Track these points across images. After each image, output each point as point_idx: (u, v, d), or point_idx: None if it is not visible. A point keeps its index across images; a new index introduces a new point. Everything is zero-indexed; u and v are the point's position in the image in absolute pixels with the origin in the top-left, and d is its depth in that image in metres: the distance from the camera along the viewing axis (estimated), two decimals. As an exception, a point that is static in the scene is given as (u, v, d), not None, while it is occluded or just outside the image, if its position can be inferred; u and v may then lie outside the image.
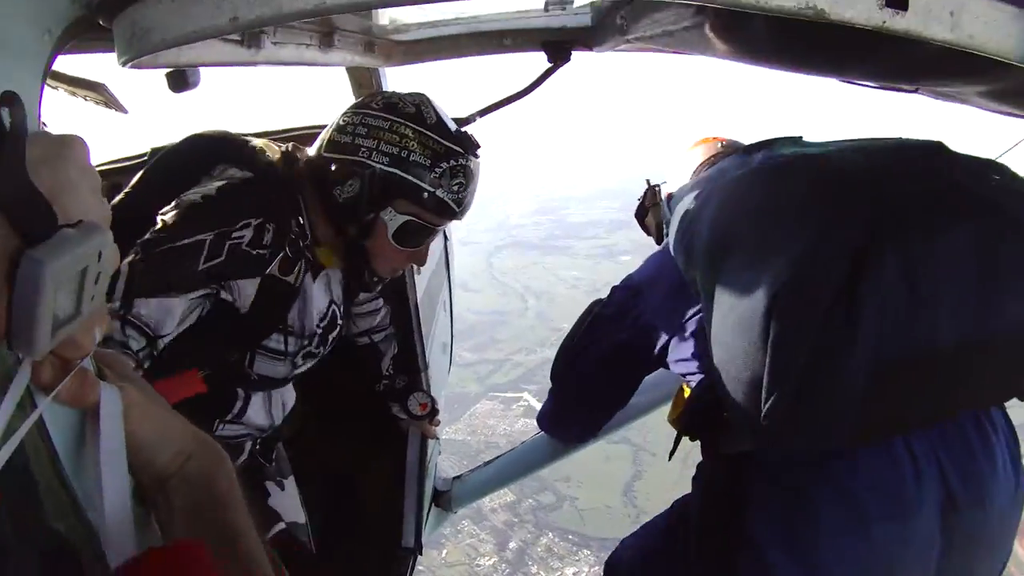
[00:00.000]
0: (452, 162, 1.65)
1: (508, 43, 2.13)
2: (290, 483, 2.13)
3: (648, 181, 2.28)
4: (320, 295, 1.84)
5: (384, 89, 2.39)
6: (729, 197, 1.47)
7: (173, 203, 1.59)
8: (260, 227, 1.59)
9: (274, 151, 1.76)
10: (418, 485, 2.87)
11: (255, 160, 1.70)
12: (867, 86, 1.52)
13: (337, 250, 1.80)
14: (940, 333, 1.25)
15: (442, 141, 1.65)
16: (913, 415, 1.35)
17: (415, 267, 2.45)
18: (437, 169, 1.64)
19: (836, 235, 1.24)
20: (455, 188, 1.67)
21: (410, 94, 1.73)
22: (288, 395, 1.98)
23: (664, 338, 1.75)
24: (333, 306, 1.90)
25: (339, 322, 1.94)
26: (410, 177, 1.63)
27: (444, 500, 3.27)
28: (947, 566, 1.43)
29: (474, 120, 2.13)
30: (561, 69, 2.14)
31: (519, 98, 2.17)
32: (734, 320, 1.30)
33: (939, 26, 0.97)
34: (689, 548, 1.68)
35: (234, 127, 1.91)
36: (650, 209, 2.24)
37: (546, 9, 1.93)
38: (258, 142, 1.78)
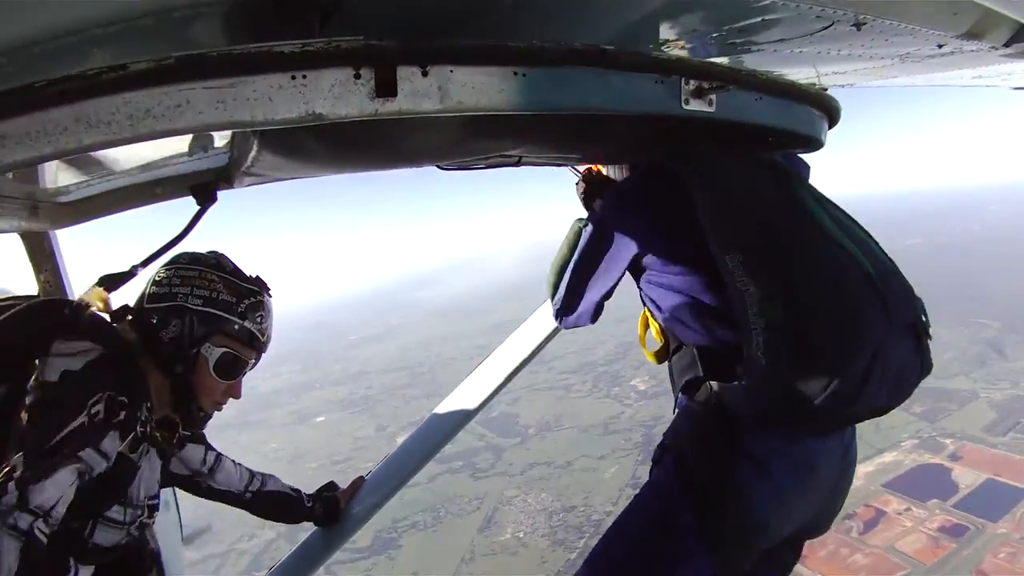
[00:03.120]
0: (252, 299, 2.03)
1: (160, 192, 2.42)
2: None
3: (591, 170, 2.73)
4: (152, 471, 2.06)
5: (58, 254, 2.54)
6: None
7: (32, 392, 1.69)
8: (111, 400, 1.73)
9: (103, 317, 1.97)
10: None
11: (98, 333, 1.88)
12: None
13: (164, 396, 2.01)
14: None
15: (241, 283, 2.03)
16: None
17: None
18: (242, 305, 2.00)
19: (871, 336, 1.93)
20: (258, 319, 2.04)
21: (210, 251, 2.07)
22: None
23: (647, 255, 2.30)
24: (158, 485, 2.12)
25: (159, 499, 2.12)
26: (222, 313, 1.97)
27: None
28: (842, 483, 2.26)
29: (136, 273, 2.23)
30: (210, 210, 2.33)
31: (175, 245, 2.26)
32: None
33: (429, 101, 1.29)
34: (678, 483, 2.11)
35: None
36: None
37: (190, 153, 2.28)
38: (91, 306, 1.97)
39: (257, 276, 2.12)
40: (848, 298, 1.95)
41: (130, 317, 2.00)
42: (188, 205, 2.37)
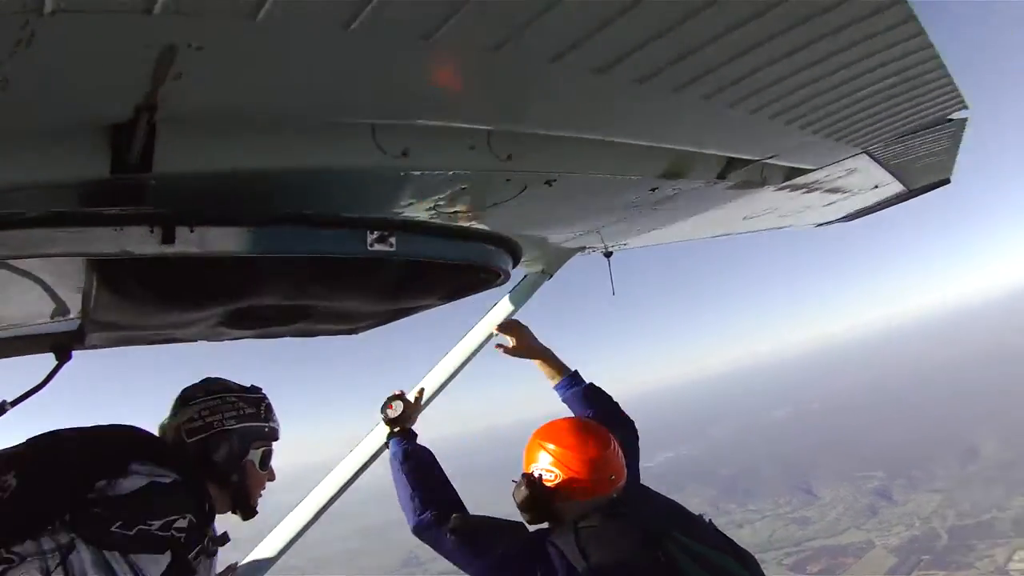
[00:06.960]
0: (264, 402, 2.55)
1: (22, 347, 2.96)
2: None
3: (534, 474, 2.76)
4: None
5: None
6: None
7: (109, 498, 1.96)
8: (190, 522, 2.04)
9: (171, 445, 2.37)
10: None
11: (177, 461, 2.24)
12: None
13: (224, 503, 2.42)
14: None
15: (249, 394, 2.53)
16: None
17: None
18: (261, 410, 2.52)
19: None
20: (273, 416, 2.57)
21: (205, 380, 2.53)
22: None
23: None
24: None
25: None
26: (253, 423, 2.48)
27: None
28: None
29: (6, 409, 2.64)
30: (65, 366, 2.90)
31: (36, 391, 2.69)
32: None
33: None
34: None
35: None
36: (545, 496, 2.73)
37: (52, 318, 2.75)
38: (167, 437, 2.39)
39: (252, 384, 2.59)
40: None
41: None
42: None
